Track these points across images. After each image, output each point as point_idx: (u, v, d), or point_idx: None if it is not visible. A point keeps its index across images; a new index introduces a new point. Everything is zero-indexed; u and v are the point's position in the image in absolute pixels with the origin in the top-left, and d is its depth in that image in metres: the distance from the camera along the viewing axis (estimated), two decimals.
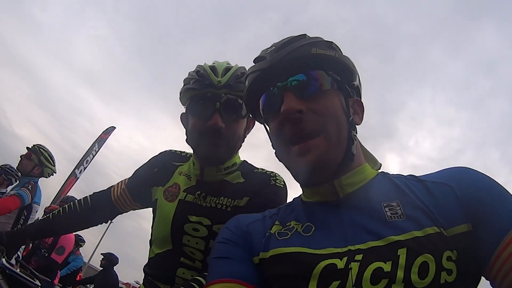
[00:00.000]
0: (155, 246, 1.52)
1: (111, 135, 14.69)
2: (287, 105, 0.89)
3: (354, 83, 1.00)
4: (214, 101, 1.39)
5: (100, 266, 8.48)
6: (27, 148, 4.40)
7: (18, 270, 1.80)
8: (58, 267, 5.71)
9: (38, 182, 4.35)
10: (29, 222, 4.18)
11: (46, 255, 5.36)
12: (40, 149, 4.39)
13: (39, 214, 4.48)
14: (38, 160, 4.33)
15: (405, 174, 0.96)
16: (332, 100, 0.92)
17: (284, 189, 1.46)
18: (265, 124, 1.08)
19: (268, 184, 1.45)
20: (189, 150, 1.64)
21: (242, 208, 1.38)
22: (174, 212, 1.46)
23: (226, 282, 0.88)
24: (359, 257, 0.77)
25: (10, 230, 1.75)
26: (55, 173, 4.58)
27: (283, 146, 0.95)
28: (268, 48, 1.00)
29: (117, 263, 8.35)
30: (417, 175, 0.94)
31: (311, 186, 0.98)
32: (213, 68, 1.44)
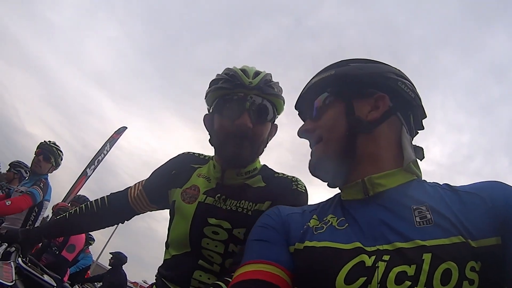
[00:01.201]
0: (172, 248, 1.50)
1: (122, 135, 14.74)
2: (299, 128, 1.15)
3: (364, 85, 1.07)
4: (244, 101, 1.41)
5: (109, 265, 8.46)
6: (42, 147, 4.33)
7: (29, 266, 1.80)
8: (68, 265, 5.72)
9: (48, 178, 4.35)
10: (39, 218, 4.23)
11: (57, 252, 5.38)
12: (58, 151, 4.39)
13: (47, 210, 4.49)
14: (55, 162, 4.36)
15: (441, 183, 0.97)
16: (330, 111, 1.08)
17: (305, 194, 1.45)
18: None
19: (290, 189, 1.44)
20: (206, 152, 1.65)
21: (263, 212, 1.37)
22: (193, 215, 1.45)
23: (263, 263, 0.94)
24: (386, 257, 0.80)
25: (25, 228, 1.75)
26: None
27: None
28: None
29: (126, 262, 8.31)
30: (451, 184, 0.96)
31: (330, 184, 1.09)
32: (243, 70, 1.45)
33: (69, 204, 7.37)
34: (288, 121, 1.55)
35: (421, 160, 1.06)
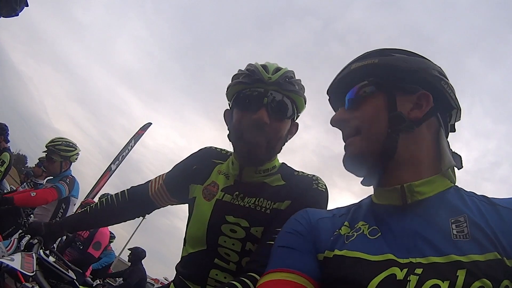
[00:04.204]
0: (189, 245, 1.50)
1: (147, 131, 14.96)
2: (333, 117, 1.09)
3: (408, 80, 1.00)
4: (262, 97, 1.38)
5: (128, 261, 8.51)
6: (44, 152, 4.28)
7: (53, 260, 1.83)
8: (93, 261, 5.83)
9: (73, 174, 4.32)
10: (67, 215, 4.20)
11: (81, 247, 5.48)
12: (56, 147, 4.23)
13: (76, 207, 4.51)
14: (60, 157, 4.23)
15: (478, 194, 0.93)
16: (370, 103, 1.01)
17: (325, 193, 1.42)
18: None
19: (310, 188, 1.41)
20: (229, 148, 1.62)
21: (282, 212, 1.35)
22: (211, 212, 1.44)
23: (287, 272, 0.92)
24: (419, 271, 0.78)
25: (49, 222, 1.79)
26: (80, 151, 4.43)
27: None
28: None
29: (144, 256, 8.29)
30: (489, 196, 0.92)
31: (365, 181, 1.03)
32: (264, 66, 1.44)
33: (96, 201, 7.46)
34: (313, 123, 1.50)
35: (459, 169, 1.00)
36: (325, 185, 1.44)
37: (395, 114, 0.97)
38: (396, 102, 0.98)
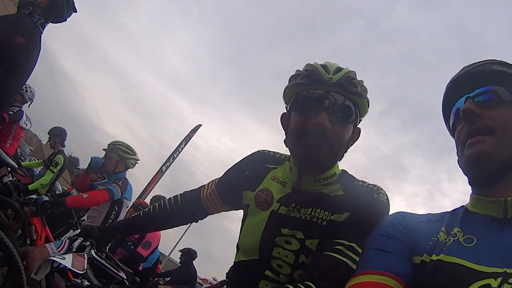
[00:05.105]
0: (241, 252, 1.47)
1: (197, 134, 15.21)
2: (464, 106, 1.03)
3: None
4: (323, 99, 1.28)
5: (180, 263, 8.57)
6: (104, 150, 4.41)
7: (104, 261, 1.88)
8: (142, 260, 5.94)
9: (127, 177, 4.38)
10: (120, 217, 4.29)
11: (132, 248, 5.60)
12: (116, 145, 4.37)
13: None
14: (118, 156, 4.34)
15: None
16: (508, 110, 1.01)
17: (387, 204, 1.32)
18: (451, 130, 1.18)
19: (371, 198, 1.31)
20: (283, 151, 1.57)
21: (340, 224, 1.27)
22: (266, 223, 1.39)
23: (380, 274, 0.95)
24: None
25: (101, 225, 1.83)
26: (139, 160, 4.56)
27: (460, 146, 1.05)
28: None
29: (196, 257, 8.28)
30: None
31: (477, 182, 1.03)
32: (324, 65, 1.33)
33: (149, 203, 7.60)
34: (363, 123, 1.44)
35: None
36: (386, 195, 1.35)
37: None
38: None
